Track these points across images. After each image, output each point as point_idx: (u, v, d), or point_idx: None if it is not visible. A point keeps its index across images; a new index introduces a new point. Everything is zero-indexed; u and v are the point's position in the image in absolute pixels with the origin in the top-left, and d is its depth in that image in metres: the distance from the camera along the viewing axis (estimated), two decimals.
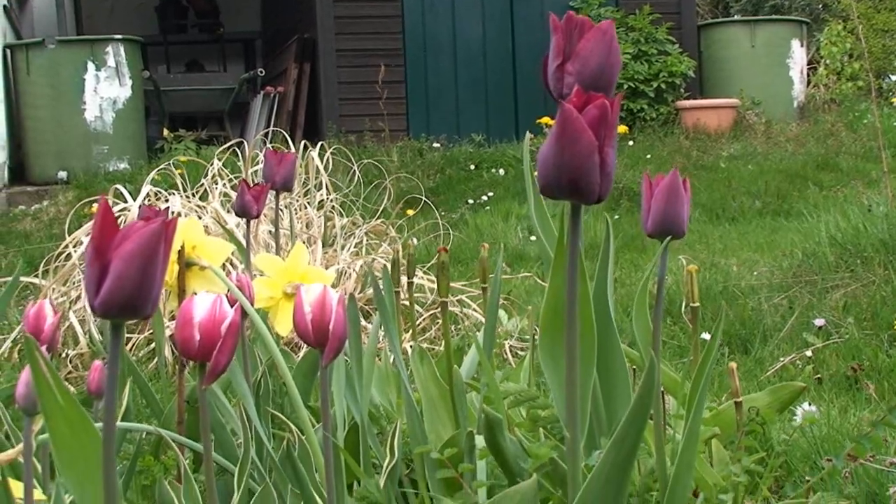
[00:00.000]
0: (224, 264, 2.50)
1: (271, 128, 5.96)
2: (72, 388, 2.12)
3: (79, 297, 3.09)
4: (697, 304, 1.82)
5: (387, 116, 7.52)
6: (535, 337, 2.19)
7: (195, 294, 1.42)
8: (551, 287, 1.02)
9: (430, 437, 1.63)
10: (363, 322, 2.93)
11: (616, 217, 6.06)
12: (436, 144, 7.66)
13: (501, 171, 7.18)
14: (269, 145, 3.48)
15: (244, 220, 2.88)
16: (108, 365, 0.82)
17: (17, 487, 1.27)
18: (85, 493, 0.85)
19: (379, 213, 3.65)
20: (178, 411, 1.80)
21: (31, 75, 7.22)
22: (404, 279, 2.38)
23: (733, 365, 1.43)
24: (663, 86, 8.01)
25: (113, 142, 7.29)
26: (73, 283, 3.16)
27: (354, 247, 3.33)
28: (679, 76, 8.08)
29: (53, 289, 3.18)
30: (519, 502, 1.01)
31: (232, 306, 1.32)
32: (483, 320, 3.13)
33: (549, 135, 0.96)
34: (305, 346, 2.96)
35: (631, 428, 0.94)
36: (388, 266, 2.07)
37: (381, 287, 1.77)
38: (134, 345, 2.87)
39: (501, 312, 3.18)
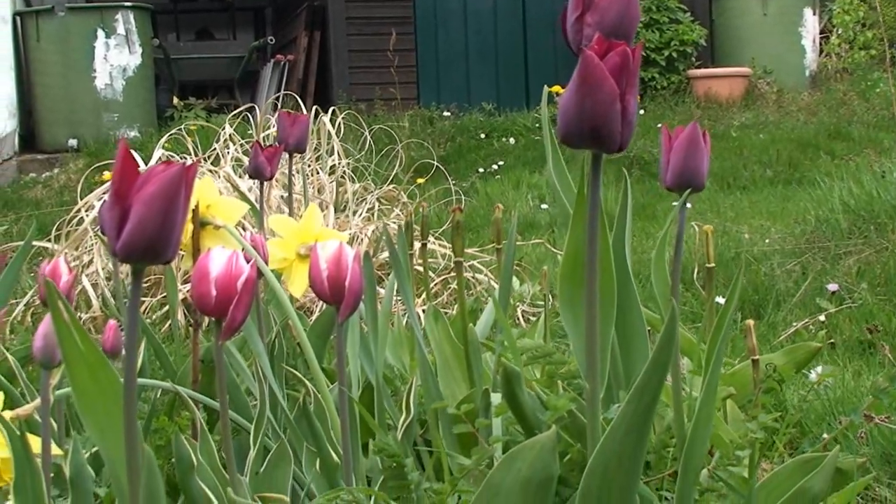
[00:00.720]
0: (237, 226, 2.50)
1: (281, 94, 5.93)
2: None
3: (91, 262, 3.10)
4: (713, 265, 1.82)
5: (397, 85, 7.49)
6: (549, 300, 2.19)
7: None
8: (571, 238, 1.01)
9: (445, 396, 1.63)
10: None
11: None
12: (446, 113, 7.63)
13: (512, 140, 7.15)
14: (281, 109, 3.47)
15: (257, 183, 2.88)
16: (129, 310, 0.82)
17: (34, 442, 1.27)
18: (106, 438, 0.85)
19: (390, 179, 3.64)
20: (193, 371, 1.80)
21: (42, 42, 7.20)
22: (417, 244, 2.38)
23: (751, 322, 1.42)
24: (674, 54, 7.97)
25: (123, 109, 7.28)
26: (86, 248, 3.17)
27: (366, 212, 3.32)
28: (690, 44, 8.03)
29: (65, 253, 3.18)
30: (538, 453, 1.01)
31: None
32: (495, 286, 3.13)
33: (571, 82, 0.95)
34: (318, 310, 2.96)
35: (652, 377, 0.94)
36: (402, 228, 2.07)
37: (396, 246, 1.76)
38: (147, 307, 2.87)
39: (513, 278, 3.17)
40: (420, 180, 5.03)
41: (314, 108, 3.58)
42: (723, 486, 1.26)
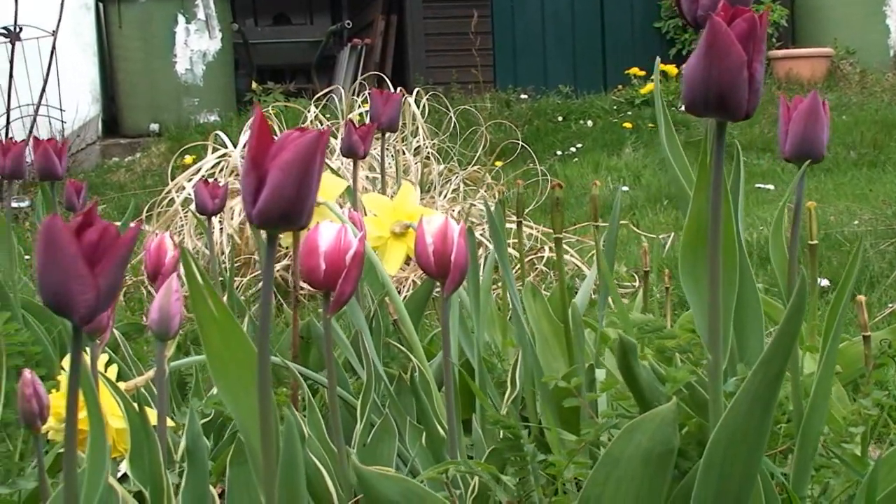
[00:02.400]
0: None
1: (359, 77, 5.95)
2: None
3: (181, 242, 3.14)
4: (816, 241, 1.79)
5: (479, 67, 7.48)
6: (641, 278, 2.17)
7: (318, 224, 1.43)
8: (694, 207, 1.00)
9: (544, 373, 1.63)
10: None
11: None
12: (523, 96, 7.61)
13: (590, 123, 7.11)
14: (367, 90, 3.47)
15: (345, 162, 2.89)
16: (263, 272, 0.83)
17: (150, 414, 1.29)
18: (238, 403, 0.86)
19: (475, 160, 3.63)
20: (293, 346, 1.81)
21: (123, 28, 7.30)
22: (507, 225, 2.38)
23: (862, 298, 1.40)
24: None
25: (203, 94, 7.36)
26: (176, 229, 3.21)
27: (451, 193, 3.33)
28: (772, 25, 7.91)
29: (156, 234, 3.22)
30: (659, 425, 1.00)
31: None
32: (581, 266, 3.12)
33: (696, 49, 0.94)
34: (405, 290, 2.96)
35: (779, 348, 0.93)
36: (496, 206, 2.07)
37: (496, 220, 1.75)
38: (239, 287, 2.90)
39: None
40: (498, 163, 5.02)
41: (399, 89, 3.59)
42: (837, 463, 1.24)
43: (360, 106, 3.47)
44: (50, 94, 6.30)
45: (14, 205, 4.75)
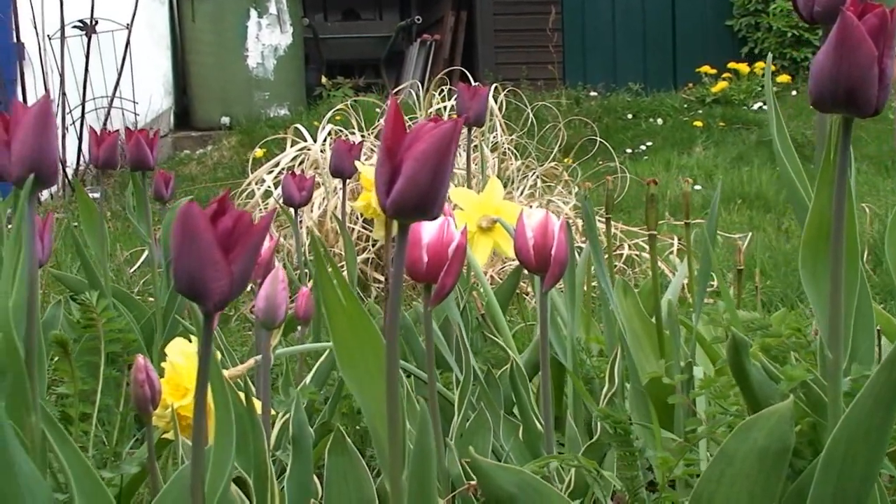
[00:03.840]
0: None
1: (428, 72, 5.96)
2: None
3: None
4: None
5: (555, 64, 7.46)
6: (731, 276, 2.16)
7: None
8: (816, 204, 0.99)
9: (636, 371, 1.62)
10: None
11: (779, 168, 5.91)
12: (593, 93, 7.58)
13: (660, 121, 7.07)
14: (452, 84, 3.48)
15: None
16: (395, 263, 0.83)
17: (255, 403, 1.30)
18: (364, 392, 0.86)
19: (552, 156, 3.63)
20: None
21: (197, 22, 7.38)
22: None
23: None
24: None
25: (274, 88, 7.41)
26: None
27: (528, 189, 3.32)
28: None
29: None
30: (776, 423, 0.99)
31: None
32: (659, 264, 3.10)
33: (826, 44, 0.93)
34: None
35: None
36: (587, 201, 2.06)
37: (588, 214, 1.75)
38: None
39: (674, 258, 3.14)
40: (567, 160, 5.01)
41: (476, 84, 3.59)
42: None
43: (438, 101, 3.48)
44: (123, 86, 6.39)
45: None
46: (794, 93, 7.29)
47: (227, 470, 0.87)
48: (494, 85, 3.59)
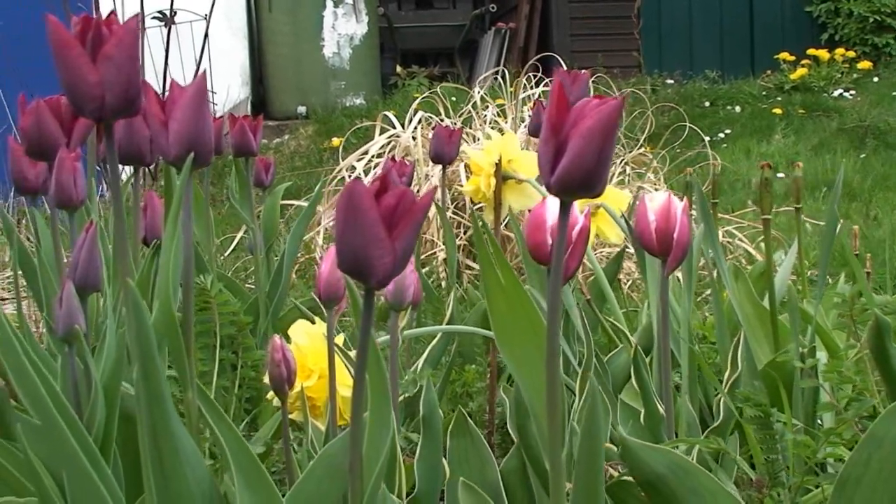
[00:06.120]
0: None
1: (502, 61, 5.95)
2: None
3: None
4: None
5: (619, 52, 7.41)
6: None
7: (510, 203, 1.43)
8: None
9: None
10: None
11: (862, 156, 5.82)
12: (669, 81, 7.51)
13: (738, 109, 6.99)
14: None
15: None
16: (556, 245, 0.83)
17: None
18: (523, 372, 0.86)
19: (640, 143, 3.60)
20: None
21: (273, 13, 7.43)
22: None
23: None
24: None
25: (349, 77, 7.45)
26: None
27: (617, 175, 3.30)
28: None
29: (324, 213, 3.27)
30: None
31: None
32: (753, 252, 3.07)
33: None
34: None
35: None
36: (697, 186, 2.04)
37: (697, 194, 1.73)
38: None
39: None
40: (652, 148, 4.97)
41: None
42: None
43: (525, 88, 3.46)
44: None
45: None
46: (875, 79, 7.17)
47: (383, 450, 0.87)
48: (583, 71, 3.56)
